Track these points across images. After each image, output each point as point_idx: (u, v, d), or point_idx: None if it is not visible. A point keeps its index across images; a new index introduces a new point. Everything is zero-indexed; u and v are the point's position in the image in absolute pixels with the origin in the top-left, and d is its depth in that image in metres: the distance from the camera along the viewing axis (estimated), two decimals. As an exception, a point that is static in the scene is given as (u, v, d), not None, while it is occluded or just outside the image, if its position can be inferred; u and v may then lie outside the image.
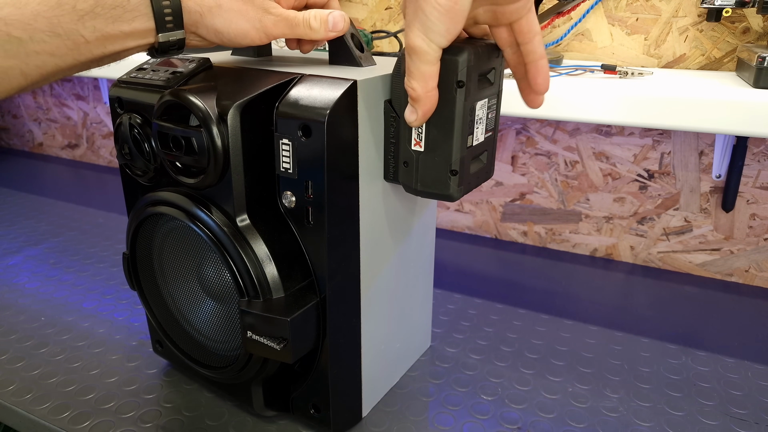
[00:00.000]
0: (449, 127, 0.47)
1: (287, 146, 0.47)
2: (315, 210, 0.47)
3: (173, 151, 0.49)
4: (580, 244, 1.00)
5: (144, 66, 0.55)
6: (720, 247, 0.90)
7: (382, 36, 0.98)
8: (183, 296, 0.58)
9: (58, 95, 1.48)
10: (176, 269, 0.57)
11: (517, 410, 0.61)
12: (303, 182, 0.47)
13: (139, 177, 0.56)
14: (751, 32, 0.78)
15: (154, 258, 0.58)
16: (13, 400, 0.62)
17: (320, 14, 0.49)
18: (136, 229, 0.57)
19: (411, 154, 0.49)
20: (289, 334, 0.47)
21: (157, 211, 0.53)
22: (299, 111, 0.45)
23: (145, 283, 0.60)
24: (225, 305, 0.54)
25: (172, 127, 0.48)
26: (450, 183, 0.49)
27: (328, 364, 0.53)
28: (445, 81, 0.45)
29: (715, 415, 0.61)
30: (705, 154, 0.87)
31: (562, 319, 0.79)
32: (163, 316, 0.60)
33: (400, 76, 0.48)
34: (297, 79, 0.48)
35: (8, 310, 0.80)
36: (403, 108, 0.48)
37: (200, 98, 0.46)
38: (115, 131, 0.55)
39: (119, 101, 0.55)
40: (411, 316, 0.65)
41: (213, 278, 0.54)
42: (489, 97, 0.51)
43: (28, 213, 1.15)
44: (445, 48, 0.43)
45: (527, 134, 0.98)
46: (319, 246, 0.49)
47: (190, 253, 0.55)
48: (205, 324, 0.57)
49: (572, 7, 0.79)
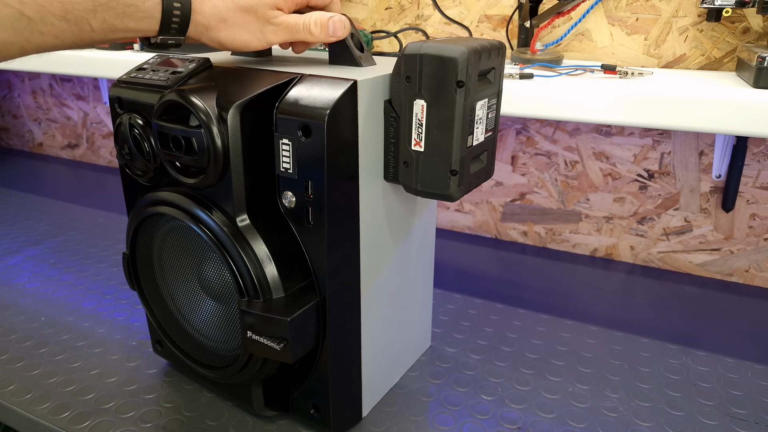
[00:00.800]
0: (449, 126, 0.47)
1: (287, 146, 0.47)
2: (315, 210, 0.47)
3: (173, 151, 0.49)
4: (580, 244, 1.00)
5: (144, 66, 0.55)
6: (720, 247, 0.90)
7: (382, 36, 0.98)
8: (183, 296, 0.58)
9: (58, 95, 1.48)
10: (176, 269, 0.57)
11: (517, 410, 0.61)
12: (303, 182, 0.47)
13: (139, 177, 0.56)
14: (751, 32, 0.78)
15: (154, 258, 0.58)
16: (13, 400, 0.62)
17: (321, 20, 0.49)
18: (136, 229, 0.57)
19: (411, 154, 0.49)
20: (289, 334, 0.47)
21: (158, 211, 0.53)
22: (299, 111, 0.45)
23: (145, 283, 0.60)
24: (225, 305, 0.54)
25: (172, 126, 0.48)
26: (450, 183, 0.49)
27: (328, 364, 0.53)
28: (445, 81, 0.45)
29: (715, 415, 0.61)
30: (705, 154, 0.87)
31: (562, 319, 0.79)
32: (163, 316, 0.60)
33: (401, 76, 0.48)
34: (297, 79, 0.48)
35: (8, 310, 0.80)
36: (403, 108, 0.48)
37: (200, 98, 0.46)
38: (115, 131, 0.55)
39: (119, 101, 0.55)
40: (411, 316, 0.65)
41: (213, 278, 0.54)
42: (489, 97, 0.51)
43: (28, 213, 1.15)
44: (445, 48, 0.45)
45: (527, 134, 0.98)
46: (319, 246, 0.49)
47: (190, 253, 0.55)
48: (205, 324, 0.57)
49: (572, 7, 0.79)
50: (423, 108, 0.47)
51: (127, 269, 0.60)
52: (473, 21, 0.93)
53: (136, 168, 0.55)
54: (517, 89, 0.67)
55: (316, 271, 0.50)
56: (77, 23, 0.42)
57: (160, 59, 0.55)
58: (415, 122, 0.48)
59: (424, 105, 0.47)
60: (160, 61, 0.55)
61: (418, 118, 0.48)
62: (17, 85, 1.54)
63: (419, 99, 0.47)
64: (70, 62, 0.97)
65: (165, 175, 0.53)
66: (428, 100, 0.47)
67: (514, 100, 0.68)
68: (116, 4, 0.42)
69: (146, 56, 0.51)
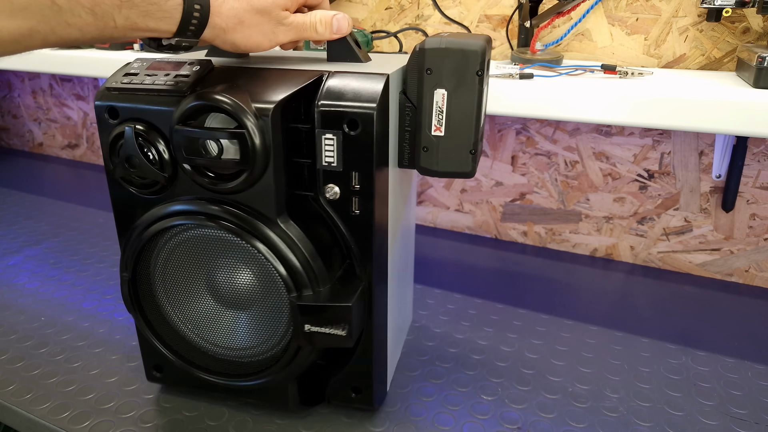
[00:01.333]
0: (470, 112, 0.53)
1: (331, 140, 0.48)
2: (362, 199, 0.50)
3: (206, 157, 0.47)
4: (580, 244, 1.00)
5: (132, 71, 0.52)
6: (720, 247, 0.90)
7: (382, 36, 0.98)
8: (196, 312, 0.56)
9: (58, 95, 1.48)
10: (186, 285, 0.55)
11: (517, 410, 0.61)
12: (348, 174, 0.49)
13: (144, 190, 0.53)
14: (751, 32, 0.78)
15: (157, 277, 0.56)
16: (13, 400, 0.62)
17: (325, 18, 0.51)
18: (142, 248, 0.54)
19: (431, 139, 0.54)
20: (351, 318, 0.50)
21: (173, 223, 0.51)
22: (345, 106, 0.47)
23: (146, 306, 0.57)
24: (252, 310, 0.54)
25: (209, 131, 0.47)
26: (470, 161, 0.55)
27: (372, 343, 0.55)
28: (467, 71, 0.51)
29: (715, 415, 0.61)
30: (705, 154, 0.87)
31: (562, 319, 0.79)
32: (170, 336, 0.58)
33: (419, 69, 0.52)
34: (327, 76, 0.49)
35: (8, 310, 0.80)
36: (423, 98, 0.53)
37: (238, 99, 0.46)
38: (111, 143, 0.51)
39: (111, 110, 0.51)
40: (407, 290, 0.70)
41: (241, 284, 0.53)
42: (487, 84, 0.57)
43: (28, 213, 1.15)
44: (465, 43, 0.51)
45: (527, 134, 0.98)
46: (365, 232, 0.51)
47: (209, 263, 0.53)
48: (228, 335, 0.56)
49: (572, 7, 0.79)
50: (444, 96, 0.52)
51: (129, 294, 0.56)
52: (473, 21, 0.93)
53: (140, 180, 0.52)
54: (517, 89, 0.67)
55: (362, 257, 0.52)
56: (103, 18, 0.41)
57: (147, 63, 0.53)
58: (436, 110, 0.53)
59: (444, 94, 0.52)
60: (150, 65, 0.52)
61: (439, 106, 0.52)
62: (17, 85, 1.54)
63: (440, 89, 0.52)
64: (70, 62, 0.97)
65: (179, 184, 0.51)
66: (449, 89, 0.52)
67: (514, 100, 0.68)
68: (140, 2, 0.42)
69: (142, 57, 0.50)
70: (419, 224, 1.12)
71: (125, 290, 0.56)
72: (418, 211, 1.12)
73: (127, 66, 0.53)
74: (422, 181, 1.09)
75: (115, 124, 0.51)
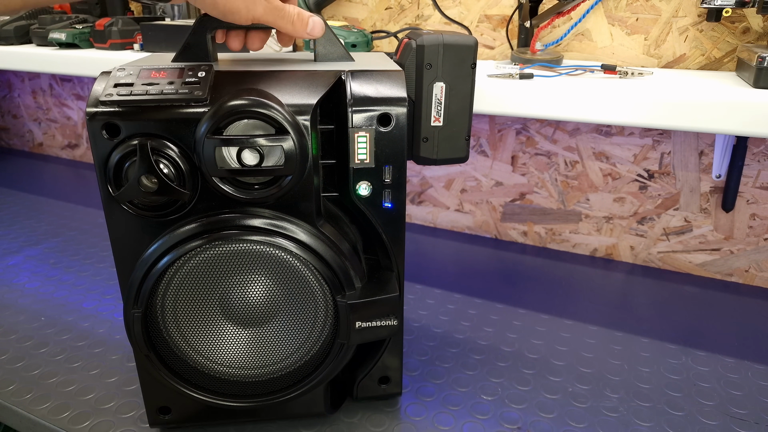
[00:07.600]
0: (466, 101, 0.56)
1: (364, 138, 0.49)
2: (394, 191, 0.52)
3: (245, 167, 0.45)
4: (580, 244, 1.00)
5: (123, 82, 0.46)
6: (720, 247, 0.90)
7: (382, 36, 0.98)
8: (213, 338, 0.52)
9: (58, 95, 1.48)
10: (199, 311, 0.51)
11: (517, 410, 0.61)
12: (380, 169, 0.51)
13: (157, 213, 0.48)
14: (751, 32, 0.78)
15: (167, 309, 0.50)
16: (13, 400, 0.62)
17: (302, 15, 0.51)
18: (159, 277, 0.48)
19: (431, 129, 0.57)
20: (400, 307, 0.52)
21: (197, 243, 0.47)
22: (376, 103, 0.49)
23: (157, 342, 0.52)
24: (274, 322, 0.51)
25: (249, 139, 0.44)
26: (466, 147, 0.58)
27: (402, 330, 0.57)
28: (463, 64, 0.55)
29: (715, 415, 0.61)
30: (705, 154, 0.87)
31: (562, 319, 0.79)
32: (184, 370, 0.53)
33: (418, 65, 0.55)
34: (347, 76, 0.50)
35: (8, 310, 0.80)
36: (423, 91, 0.56)
37: (275, 104, 0.45)
38: (115, 165, 0.45)
39: (110, 126, 0.45)
40: None
41: (264, 297, 0.50)
42: None
43: (28, 213, 1.15)
44: (461, 38, 0.54)
45: (527, 134, 0.98)
46: (397, 223, 0.53)
47: (226, 283, 0.50)
48: (254, 354, 0.53)
49: (572, 7, 0.79)
50: (442, 89, 0.55)
51: (143, 331, 0.49)
52: (473, 21, 0.93)
53: (155, 203, 0.47)
54: (517, 89, 0.67)
55: (393, 248, 0.54)
56: None
57: (135, 71, 0.47)
58: (435, 102, 0.56)
59: (443, 86, 0.55)
60: (143, 73, 0.47)
61: (438, 99, 0.56)
62: (17, 85, 1.54)
63: (439, 82, 0.55)
64: (70, 62, 0.97)
65: (201, 200, 0.48)
66: (448, 82, 0.55)
67: (514, 100, 0.68)
68: None
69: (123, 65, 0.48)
70: (419, 224, 1.12)
71: (137, 328, 0.49)
72: (418, 211, 1.12)
73: (109, 75, 0.47)
74: (422, 181, 1.09)
75: (116, 143, 0.45)
